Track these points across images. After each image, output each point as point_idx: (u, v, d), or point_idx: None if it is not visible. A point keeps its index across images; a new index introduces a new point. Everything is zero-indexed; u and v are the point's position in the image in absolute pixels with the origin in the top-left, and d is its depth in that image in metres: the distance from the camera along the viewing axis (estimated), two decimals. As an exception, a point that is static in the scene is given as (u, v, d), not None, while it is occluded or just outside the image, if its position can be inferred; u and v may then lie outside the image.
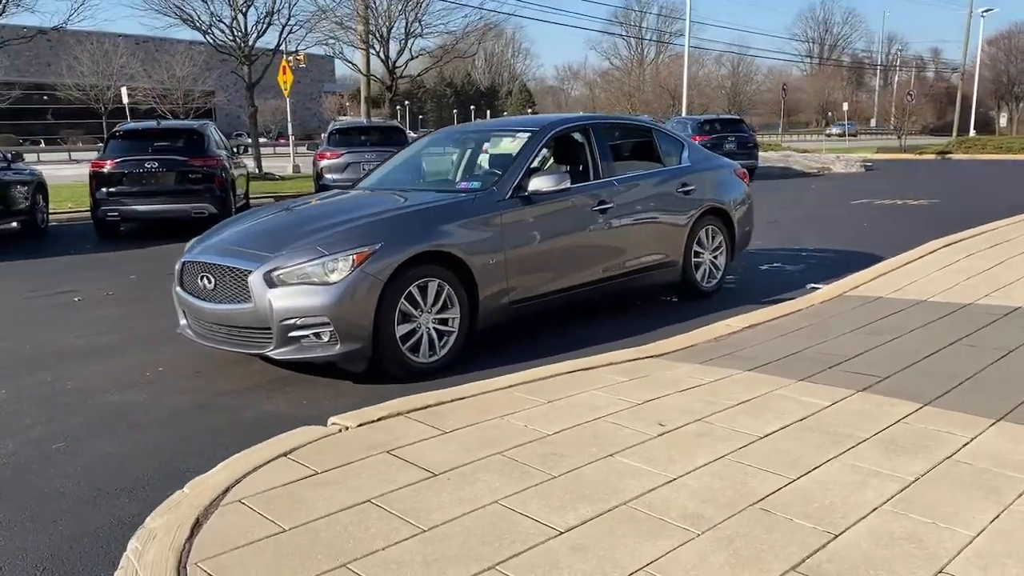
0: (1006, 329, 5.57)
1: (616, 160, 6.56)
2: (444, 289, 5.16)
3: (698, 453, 3.56)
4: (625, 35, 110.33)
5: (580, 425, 3.91)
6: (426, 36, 27.58)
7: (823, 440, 3.70)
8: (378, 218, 5.23)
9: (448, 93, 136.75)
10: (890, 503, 3.07)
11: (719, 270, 7.32)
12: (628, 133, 7.28)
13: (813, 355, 5.10)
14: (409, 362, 5.03)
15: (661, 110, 52.82)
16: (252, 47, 25.67)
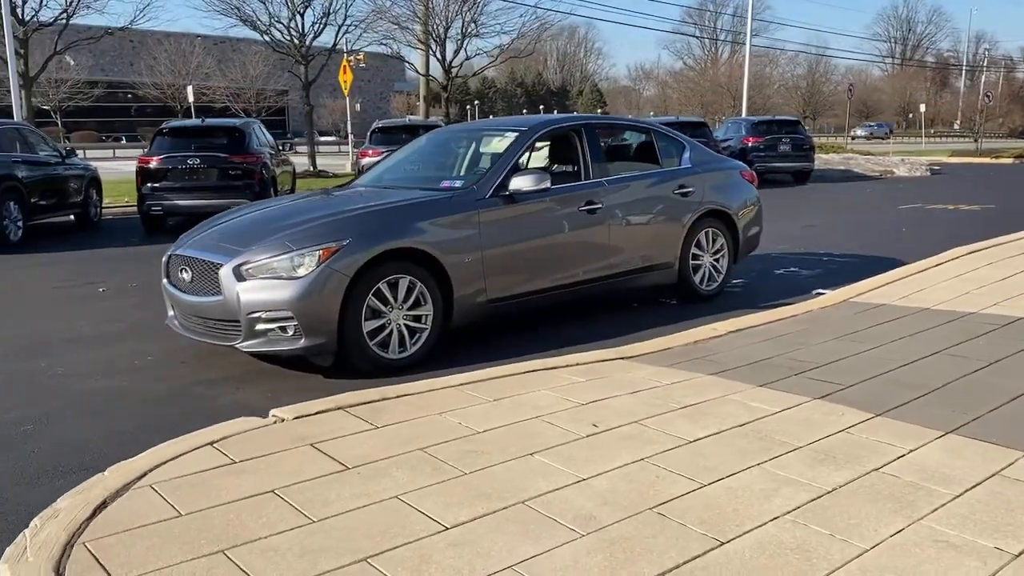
0: (999, 340, 5.37)
1: (609, 161, 6.53)
2: (416, 286, 5.21)
3: (619, 455, 3.54)
4: (699, 36, 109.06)
5: (514, 424, 3.92)
6: (482, 36, 27.73)
7: (753, 447, 3.64)
8: (349, 215, 5.31)
9: (518, 93, 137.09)
10: (793, 513, 3.01)
11: (720, 273, 7.21)
12: (624, 134, 7.24)
13: (785, 361, 5.00)
14: (377, 357, 5.10)
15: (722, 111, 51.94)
16: (309, 47, 26.17)
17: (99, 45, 70.94)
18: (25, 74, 22.23)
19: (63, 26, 22.63)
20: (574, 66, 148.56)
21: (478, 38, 27.71)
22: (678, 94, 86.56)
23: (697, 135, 20.01)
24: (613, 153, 6.85)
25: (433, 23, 26.57)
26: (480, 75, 36.53)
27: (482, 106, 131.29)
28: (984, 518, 2.96)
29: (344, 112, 69.50)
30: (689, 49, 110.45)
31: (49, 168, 13.02)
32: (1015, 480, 3.28)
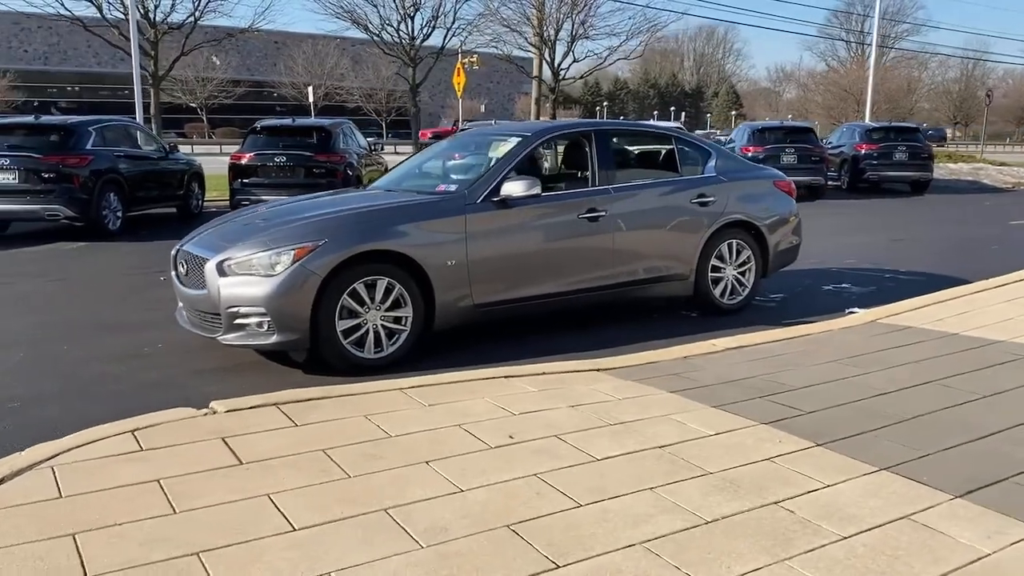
0: (1008, 372, 4.94)
1: (620, 168, 6.40)
2: (395, 288, 5.28)
3: (514, 469, 3.48)
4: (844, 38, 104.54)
5: (431, 431, 3.92)
6: (592, 38, 27.55)
7: (660, 469, 3.51)
8: (331, 216, 5.43)
9: (651, 94, 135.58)
10: (653, 542, 2.89)
11: (745, 287, 6.93)
12: (641, 141, 7.07)
13: (762, 383, 4.78)
14: (351, 356, 5.20)
15: (846, 116, 49.60)
16: (418, 50, 26.77)
17: (246, 46, 74.74)
18: (155, 74, 23.74)
19: (191, 28, 24.05)
20: (711, 67, 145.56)
21: (588, 40, 27.58)
22: (823, 96, 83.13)
23: (800, 141, 19.30)
24: (625, 160, 6.71)
25: (544, 25, 26.62)
26: (590, 76, 35.81)
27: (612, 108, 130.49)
28: (858, 564, 2.77)
29: (469, 112, 71.03)
30: (834, 51, 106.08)
31: (150, 162, 13.86)
32: (922, 526, 3.04)
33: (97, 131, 12.71)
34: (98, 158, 12.38)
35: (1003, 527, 3.02)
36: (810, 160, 19.15)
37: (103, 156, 12.52)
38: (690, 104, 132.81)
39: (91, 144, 12.41)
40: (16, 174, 11.87)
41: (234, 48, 75.40)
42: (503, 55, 28.69)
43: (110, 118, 13.91)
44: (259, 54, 71.88)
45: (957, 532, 2.98)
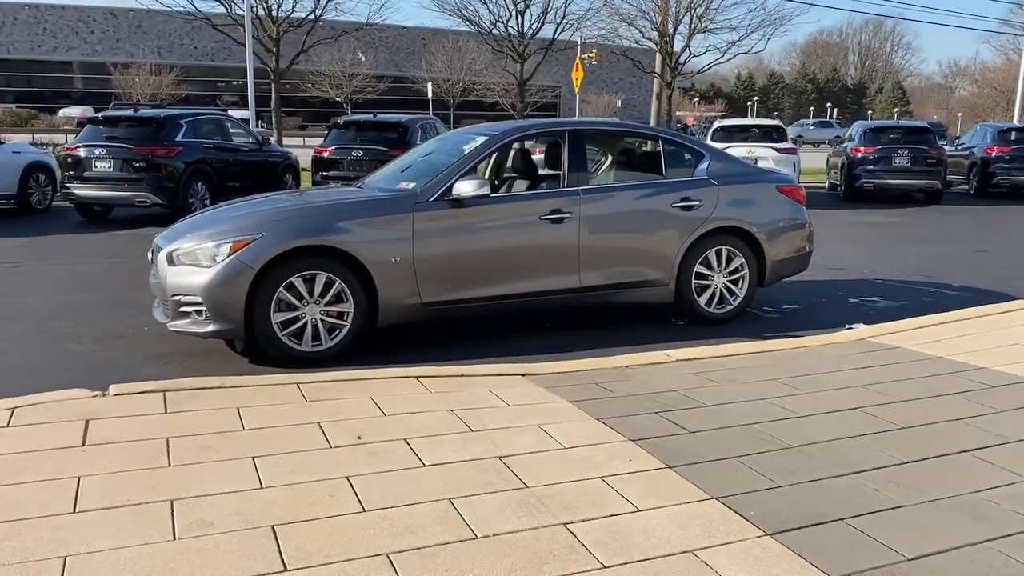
0: (948, 403, 4.49)
1: (594, 170, 6.23)
2: (335, 283, 5.37)
3: (330, 470, 3.49)
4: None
5: (286, 426, 3.97)
6: (713, 32, 26.78)
7: (477, 480, 3.43)
8: (273, 211, 5.57)
9: (808, 89, 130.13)
10: (403, 553, 2.84)
11: (737, 296, 6.59)
12: (623, 142, 6.80)
13: (673, 397, 4.55)
14: (288, 348, 5.33)
15: (993, 115, 45.79)
16: (526, 45, 26.80)
17: (394, 42, 76.87)
18: (275, 69, 24.94)
19: (311, 25, 25.10)
20: (877, 61, 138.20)
21: (709, 34, 26.84)
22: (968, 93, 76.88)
23: (916, 142, 18.05)
24: (602, 161, 6.50)
25: (664, 19, 26.07)
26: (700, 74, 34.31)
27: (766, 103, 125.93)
28: (590, 596, 2.62)
29: (606, 108, 70.62)
30: (1015, 44, 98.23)
31: (241, 154, 14.61)
32: (702, 562, 2.84)
33: (189, 124, 13.51)
34: (187, 149, 13.17)
35: (787, 570, 2.77)
36: (926, 162, 17.82)
37: (192, 147, 13.30)
38: (851, 100, 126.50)
39: (181, 136, 13.21)
40: (113, 163, 12.82)
41: (383, 44, 78.37)
42: (619, 50, 28.31)
43: (203, 112, 14.76)
44: (407, 50, 74.06)
45: (732, 572, 2.76)
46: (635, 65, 27.28)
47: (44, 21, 71.63)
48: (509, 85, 59.69)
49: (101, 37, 72.35)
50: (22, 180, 14.27)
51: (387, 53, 77.42)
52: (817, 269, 9.23)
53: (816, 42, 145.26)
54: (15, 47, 71.09)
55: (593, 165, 6.23)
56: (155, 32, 68.36)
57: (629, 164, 6.72)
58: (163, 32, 66.83)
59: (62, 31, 72.07)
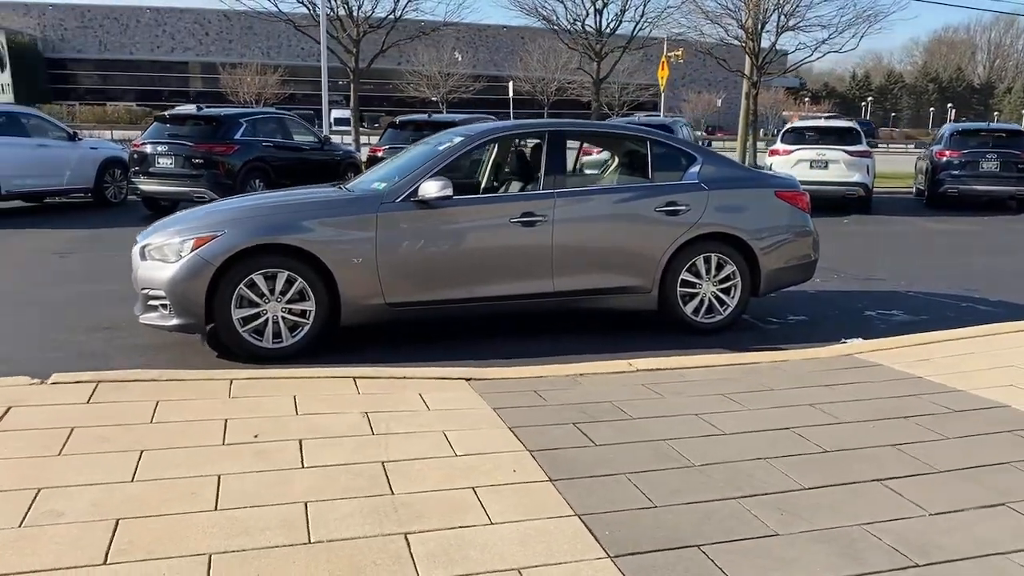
0: (911, 428, 4.19)
1: (574, 172, 6.10)
2: (296, 281, 5.43)
3: (205, 467, 3.52)
4: None
5: (192, 421, 4.03)
6: (802, 30, 25.82)
7: (342, 485, 3.39)
8: (237, 209, 5.67)
9: (930, 89, 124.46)
10: (196, 557, 2.84)
11: (727, 306, 6.32)
12: (608, 144, 6.59)
13: (601, 409, 4.40)
14: (249, 344, 5.42)
15: None
16: (603, 43, 26.47)
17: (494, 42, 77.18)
18: (355, 69, 25.46)
19: (391, 25, 25.50)
20: (1007, 60, 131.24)
21: (799, 32, 25.89)
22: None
23: (1007, 146, 17.02)
24: (583, 163, 6.34)
25: (754, 16, 25.28)
26: (786, 73, 32.91)
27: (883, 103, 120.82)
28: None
29: (706, 107, 69.22)
30: None
31: (300, 152, 14.99)
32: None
33: (249, 122, 13.95)
34: (245, 147, 13.59)
35: (603, 598, 2.64)
36: (1016, 168, 16.72)
37: (250, 145, 13.71)
38: (977, 101, 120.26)
39: (240, 134, 13.64)
40: (174, 160, 13.35)
41: (483, 44, 79.20)
42: (704, 47, 27.68)
43: (264, 111, 15.20)
44: (506, 49, 74.46)
45: (546, 595, 2.65)
46: (719, 64, 26.59)
47: (164, 23, 75.46)
48: (606, 84, 59.39)
49: (215, 39, 75.69)
50: (99, 174, 15.07)
51: (487, 52, 78.28)
52: (852, 279, 8.85)
53: (941, 39, 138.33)
54: (137, 48, 75.13)
55: (575, 167, 6.07)
56: (264, 34, 70.99)
57: (614, 167, 6.54)
58: (272, 34, 69.35)
59: (180, 33, 75.75)
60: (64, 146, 14.58)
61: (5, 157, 13.25)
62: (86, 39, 74.17)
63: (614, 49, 28.06)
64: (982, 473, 3.62)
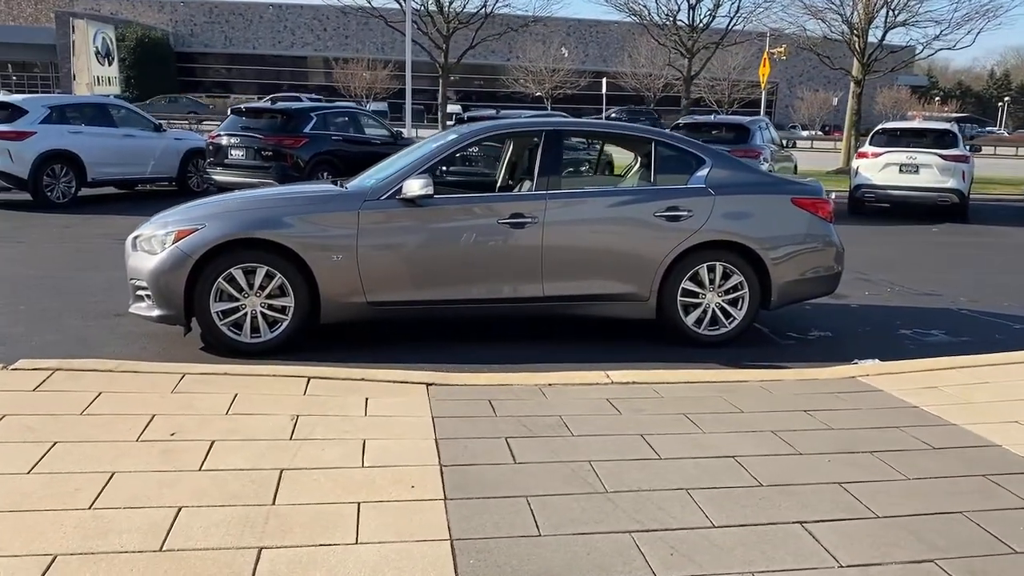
0: (877, 464, 3.81)
1: (569, 173, 5.86)
2: (275, 276, 5.41)
3: (100, 463, 3.50)
4: None
5: (118, 415, 4.02)
6: (911, 25, 24.38)
7: (226, 490, 3.32)
8: (221, 203, 5.68)
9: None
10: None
11: (733, 319, 5.95)
12: (609, 145, 6.26)
13: (543, 424, 4.19)
14: (226, 338, 5.43)
15: None
16: (695, 40, 25.67)
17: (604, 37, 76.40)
18: (444, 65, 25.60)
19: (481, 21, 25.52)
20: None
21: (909, 27, 24.45)
22: None
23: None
24: (580, 163, 6.07)
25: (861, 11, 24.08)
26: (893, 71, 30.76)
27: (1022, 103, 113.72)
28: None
29: (825, 104, 66.51)
30: None
31: (371, 146, 15.10)
32: (350, 610, 2.58)
33: (319, 116, 14.19)
34: (313, 140, 13.82)
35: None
36: None
37: (319, 139, 13.94)
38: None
39: (309, 128, 13.88)
40: (245, 152, 13.71)
41: (593, 40, 78.60)
42: (807, 43, 26.52)
43: (336, 105, 15.48)
44: (616, 45, 73.47)
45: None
46: (822, 61, 25.43)
47: (285, 19, 78.08)
48: (715, 80, 57.94)
49: (332, 34, 77.80)
50: (182, 164, 15.65)
51: (596, 48, 77.70)
52: (906, 293, 8.26)
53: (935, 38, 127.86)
54: (259, 43, 78.08)
55: (572, 168, 5.83)
56: (379, 30, 72.26)
57: (612, 168, 6.25)
58: (386, 30, 70.61)
59: (299, 28, 78.24)
60: (150, 136, 15.19)
61: (93, 146, 13.91)
62: (213, 34, 77.53)
63: (707, 45, 27.27)
64: (925, 522, 3.24)
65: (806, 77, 73.11)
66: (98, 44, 20.77)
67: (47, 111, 13.53)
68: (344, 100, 46.18)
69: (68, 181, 13.61)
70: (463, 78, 61.06)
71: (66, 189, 13.56)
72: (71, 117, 13.98)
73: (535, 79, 57.42)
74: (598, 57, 75.92)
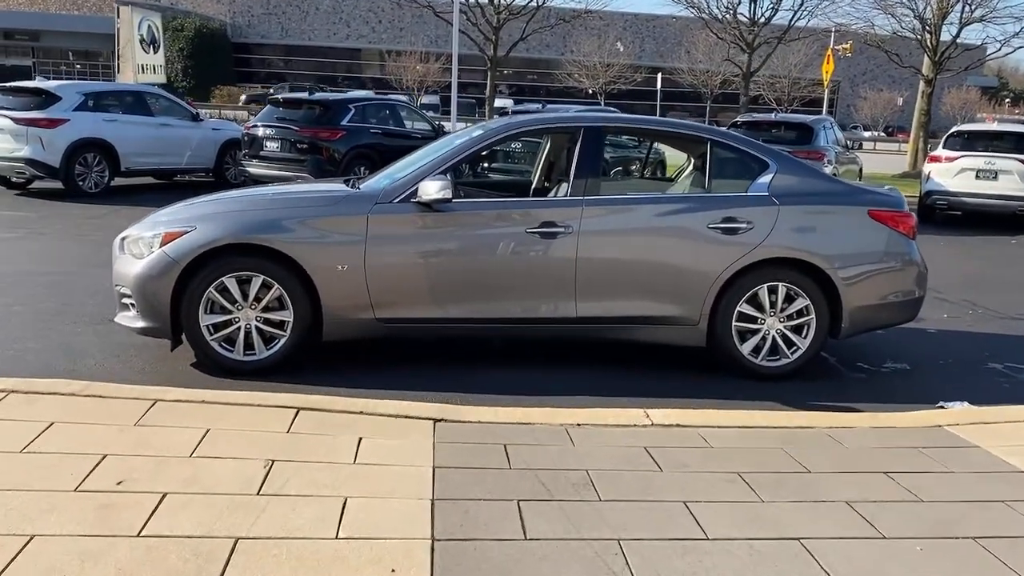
0: (1000, 558, 3.02)
1: (612, 176, 5.16)
2: (272, 287, 4.78)
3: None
4: None
5: (69, 455, 3.41)
6: (989, 21, 22.97)
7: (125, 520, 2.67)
8: (213, 203, 5.06)
9: None
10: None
11: (796, 348, 5.16)
12: (658, 144, 5.48)
13: (566, 482, 3.49)
14: (217, 355, 4.82)
15: None
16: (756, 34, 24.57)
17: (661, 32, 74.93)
18: (493, 58, 24.89)
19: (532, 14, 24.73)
20: None
21: (987, 24, 23.07)
22: None
23: None
24: (626, 165, 5.33)
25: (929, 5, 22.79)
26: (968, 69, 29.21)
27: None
28: None
29: (889, 104, 64.33)
30: None
31: (411, 140, 14.46)
32: None
33: (358, 108, 13.63)
34: (350, 133, 13.27)
35: None
36: None
37: (357, 131, 13.38)
38: None
39: (347, 120, 13.33)
40: (281, 144, 13.21)
41: (650, 35, 77.20)
42: (875, 40, 25.23)
43: (376, 97, 14.86)
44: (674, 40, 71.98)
45: None
46: (890, 59, 24.16)
47: (340, 11, 78.24)
48: (775, 78, 56.27)
49: (387, 27, 77.68)
50: (219, 155, 15.22)
51: (652, 43, 76.34)
52: (990, 317, 7.34)
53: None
54: (315, 34, 78.35)
55: (615, 170, 5.10)
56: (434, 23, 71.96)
57: (664, 172, 5.49)
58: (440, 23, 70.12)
59: (355, 20, 78.32)
60: (187, 126, 14.78)
61: (127, 135, 13.54)
62: (269, 25, 77.94)
63: (768, 40, 26.15)
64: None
65: (869, 76, 70.95)
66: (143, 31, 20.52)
67: (81, 98, 13.17)
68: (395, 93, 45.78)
69: (101, 171, 13.26)
70: (516, 72, 60.37)
71: (99, 179, 13.22)
72: (106, 105, 13.63)
73: (589, 74, 56.48)
74: (654, 52, 74.57)
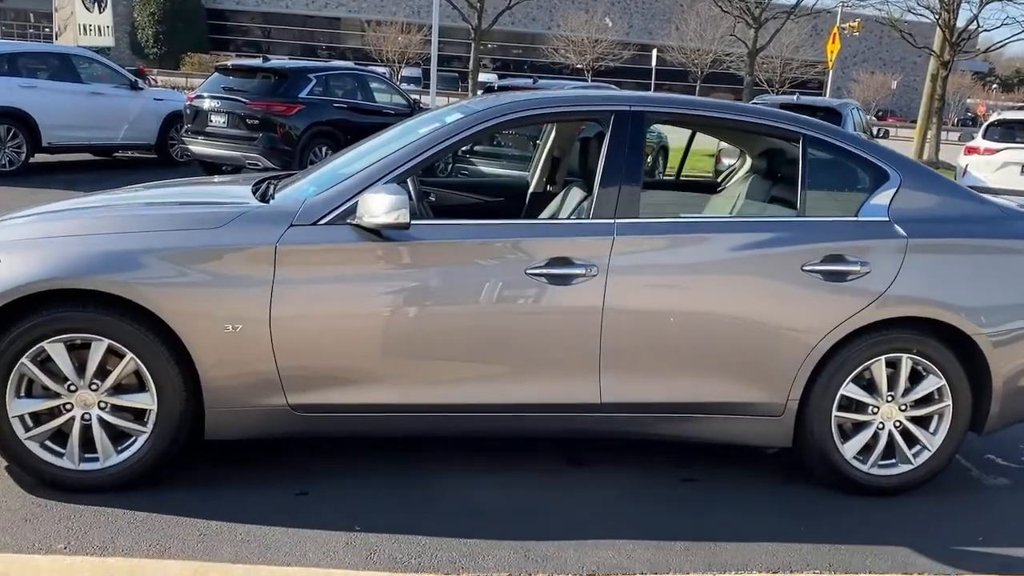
0: None
1: (657, 186, 3.38)
2: (125, 356, 3.01)
3: None
4: None
5: None
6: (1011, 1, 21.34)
7: None
8: (53, 219, 3.28)
9: None
10: None
11: (922, 448, 3.47)
12: (724, 141, 3.75)
13: None
14: (38, 461, 3.06)
15: None
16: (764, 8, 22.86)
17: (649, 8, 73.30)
18: (477, 28, 23.07)
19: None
20: None
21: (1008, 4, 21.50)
22: None
23: None
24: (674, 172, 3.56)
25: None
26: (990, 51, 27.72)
27: None
28: None
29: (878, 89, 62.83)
30: None
31: (384, 116, 12.57)
32: None
33: (319, 79, 11.80)
34: (310, 107, 11.44)
35: None
36: None
37: (318, 106, 11.56)
38: None
39: (306, 92, 11.50)
40: (227, 118, 11.35)
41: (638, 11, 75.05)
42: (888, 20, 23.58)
43: (343, 66, 13.04)
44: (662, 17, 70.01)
45: None
46: (904, 38, 22.53)
47: (317, -23, 75.38)
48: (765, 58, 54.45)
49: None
50: (162, 129, 13.28)
51: (641, 20, 74.25)
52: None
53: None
54: (293, 2, 75.55)
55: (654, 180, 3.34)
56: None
57: (733, 183, 3.75)
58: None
59: (333, -13, 75.51)
60: (123, 95, 12.80)
61: (49, 104, 11.58)
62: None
63: (776, 15, 24.41)
64: None
65: (861, 58, 69.45)
66: (86, -14, 18.41)
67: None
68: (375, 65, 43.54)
69: (17, 146, 11.29)
70: (501, 46, 58.05)
71: (14, 155, 11.25)
72: (24, 68, 11.66)
73: (576, 50, 54.50)
74: (643, 29, 72.47)
